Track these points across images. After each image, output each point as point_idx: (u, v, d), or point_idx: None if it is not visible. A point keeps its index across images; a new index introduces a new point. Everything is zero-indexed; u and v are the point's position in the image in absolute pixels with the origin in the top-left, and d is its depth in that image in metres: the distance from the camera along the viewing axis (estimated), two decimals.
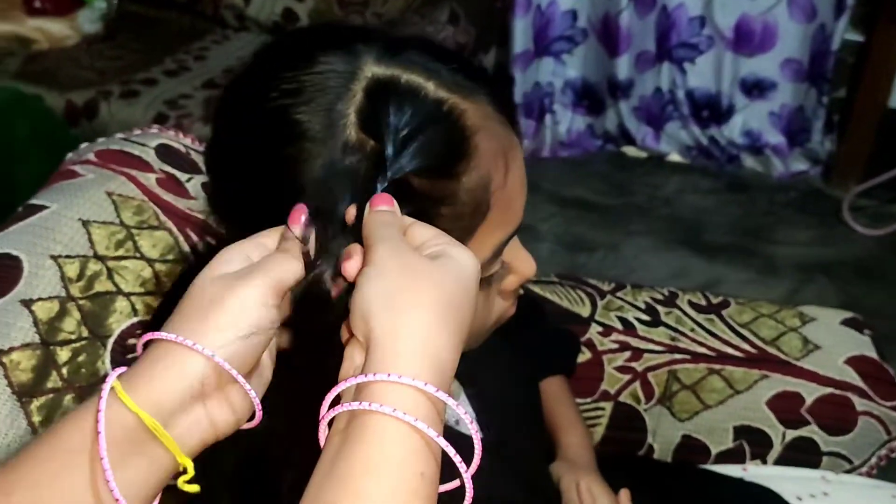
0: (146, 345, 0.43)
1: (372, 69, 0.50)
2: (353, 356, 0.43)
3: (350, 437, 0.40)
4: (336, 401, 0.42)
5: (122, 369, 0.43)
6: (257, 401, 0.45)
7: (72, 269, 0.66)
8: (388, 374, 0.39)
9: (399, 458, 0.39)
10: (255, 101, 0.51)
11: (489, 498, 0.67)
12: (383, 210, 0.46)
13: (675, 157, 2.57)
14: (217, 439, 0.45)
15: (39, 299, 0.63)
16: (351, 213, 0.48)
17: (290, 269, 0.45)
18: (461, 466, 0.41)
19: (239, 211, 0.53)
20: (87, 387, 0.62)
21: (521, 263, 0.61)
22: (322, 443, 0.42)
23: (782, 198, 2.39)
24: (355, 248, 0.46)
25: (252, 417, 0.47)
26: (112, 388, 0.41)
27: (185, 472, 0.43)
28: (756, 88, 2.45)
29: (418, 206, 0.49)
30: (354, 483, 0.38)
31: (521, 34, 2.48)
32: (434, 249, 0.45)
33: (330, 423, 0.42)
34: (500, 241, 0.56)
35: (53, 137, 1.95)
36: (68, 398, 0.61)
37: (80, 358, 0.63)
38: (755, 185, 2.44)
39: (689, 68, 2.47)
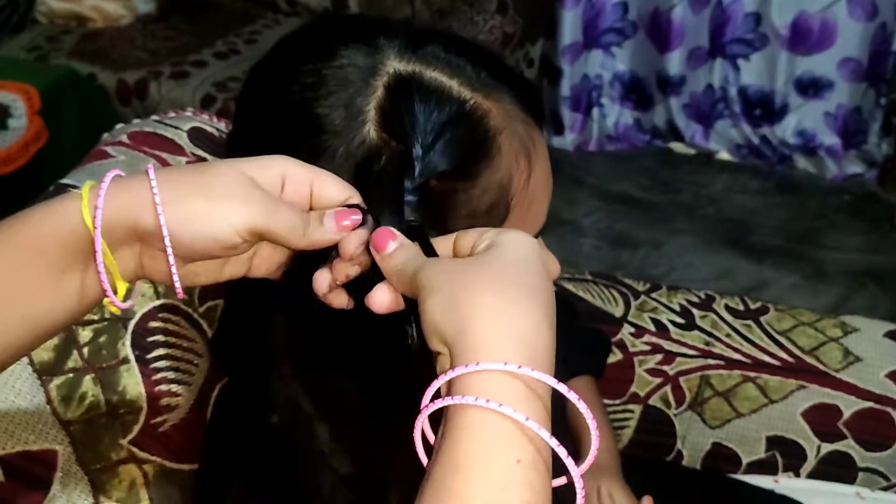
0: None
1: (393, 65, 0.49)
2: (443, 367, 0.41)
3: (443, 437, 0.38)
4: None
5: (116, 172, 0.43)
6: (178, 283, 0.44)
7: None
8: (466, 365, 0.37)
9: (485, 448, 0.36)
10: (276, 92, 0.51)
11: None
12: (393, 252, 0.44)
13: (723, 155, 2.52)
14: (148, 279, 0.45)
15: None
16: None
17: (280, 231, 0.43)
18: (567, 461, 0.36)
19: None
20: (106, 368, 0.63)
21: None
22: (420, 452, 0.40)
23: (835, 201, 2.32)
24: (381, 286, 0.44)
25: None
26: (80, 198, 0.42)
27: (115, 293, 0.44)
28: (812, 88, 2.38)
29: (434, 207, 0.48)
30: (448, 484, 0.36)
31: (570, 25, 2.45)
32: (481, 247, 0.43)
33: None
34: None
35: (102, 117, 1.99)
36: (88, 378, 0.62)
37: (102, 339, 0.63)
38: (806, 187, 2.38)
39: (742, 65, 2.42)
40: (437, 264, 0.42)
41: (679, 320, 1.07)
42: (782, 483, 0.99)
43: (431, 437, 0.40)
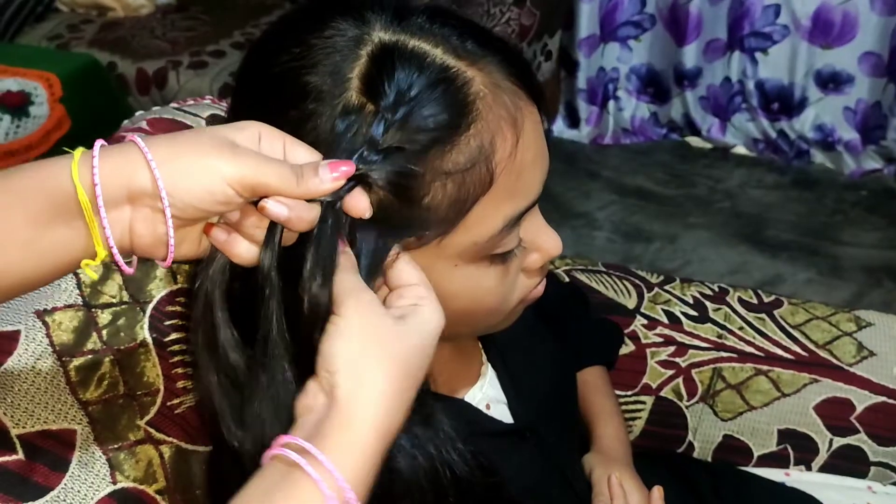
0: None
1: (379, 35, 0.51)
2: (316, 394, 0.45)
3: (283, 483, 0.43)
4: None
5: (102, 142, 0.44)
6: (172, 241, 0.44)
7: None
8: (327, 460, 0.43)
9: None
10: (267, 64, 0.52)
11: (517, 481, 0.67)
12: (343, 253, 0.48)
13: (740, 149, 2.51)
14: (129, 251, 0.45)
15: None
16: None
17: (272, 181, 0.44)
18: None
19: None
20: (124, 350, 0.64)
21: (545, 241, 0.59)
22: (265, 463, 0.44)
23: (852, 196, 2.31)
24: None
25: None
26: (72, 157, 0.42)
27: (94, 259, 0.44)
28: (831, 82, 2.37)
29: (411, 175, 0.49)
30: None
31: (587, 18, 2.45)
32: (406, 302, 0.48)
33: None
34: (511, 214, 0.54)
35: (121, 105, 2.01)
36: (107, 360, 0.63)
37: (120, 322, 0.64)
38: (824, 182, 2.36)
39: (760, 58, 2.41)
40: (360, 303, 0.46)
41: (692, 312, 1.08)
42: (793, 476, 0.99)
43: None
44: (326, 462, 0.42)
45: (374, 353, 0.45)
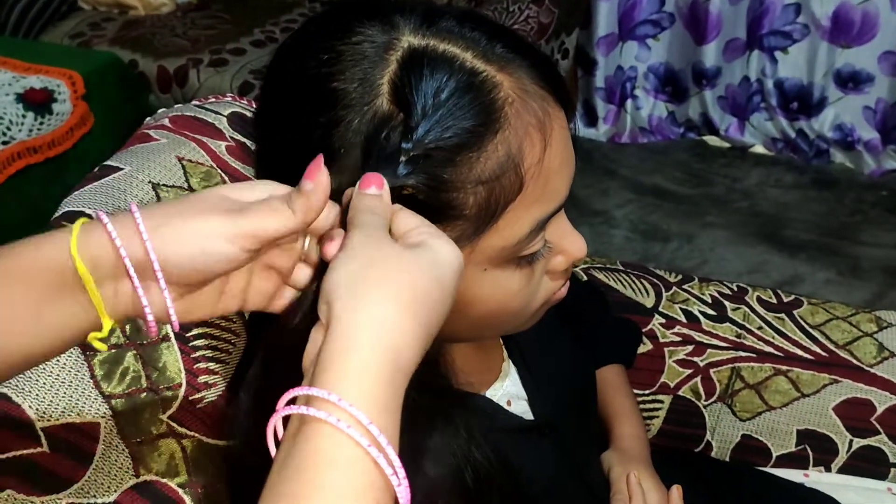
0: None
1: (408, 39, 0.50)
2: (316, 338, 0.41)
3: (294, 445, 0.38)
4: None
5: (91, 219, 0.43)
6: (172, 311, 0.44)
7: None
8: (329, 392, 0.37)
9: (336, 472, 0.37)
10: (296, 69, 0.52)
11: (536, 478, 0.68)
12: (370, 194, 0.46)
13: (759, 148, 2.50)
14: (136, 316, 0.44)
15: None
16: (347, 195, 0.47)
17: (270, 223, 0.43)
18: (398, 489, 0.37)
19: (279, 178, 0.54)
20: (147, 345, 0.65)
21: (570, 244, 0.59)
22: (270, 443, 0.41)
23: (872, 196, 2.29)
24: (337, 231, 0.46)
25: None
26: (69, 232, 0.42)
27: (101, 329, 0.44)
28: (851, 81, 2.35)
29: (441, 182, 0.49)
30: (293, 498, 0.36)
31: (606, 17, 2.44)
32: (415, 239, 0.44)
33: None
34: (538, 218, 0.54)
35: (142, 103, 2.02)
36: (130, 355, 0.63)
37: None
38: (843, 182, 2.35)
39: (780, 57, 2.39)
40: (371, 235, 0.43)
41: (710, 312, 1.07)
42: (812, 477, 0.98)
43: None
44: (329, 395, 0.37)
45: (374, 276, 0.41)
